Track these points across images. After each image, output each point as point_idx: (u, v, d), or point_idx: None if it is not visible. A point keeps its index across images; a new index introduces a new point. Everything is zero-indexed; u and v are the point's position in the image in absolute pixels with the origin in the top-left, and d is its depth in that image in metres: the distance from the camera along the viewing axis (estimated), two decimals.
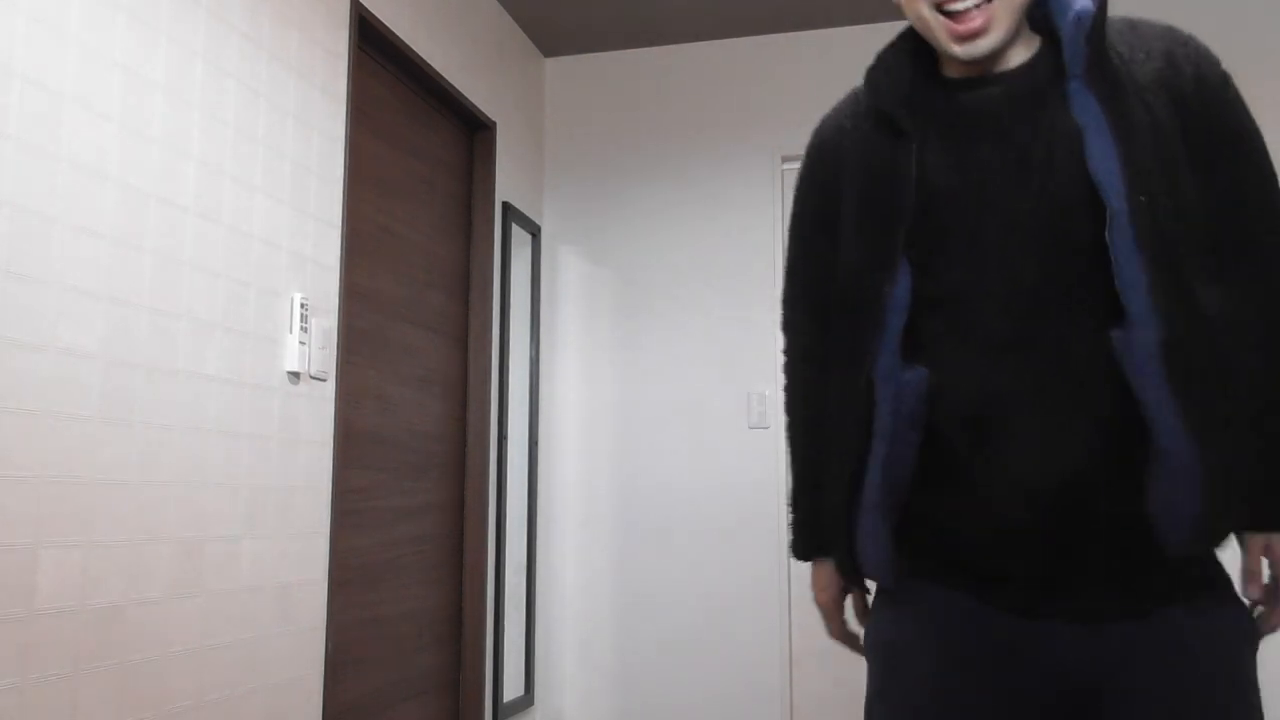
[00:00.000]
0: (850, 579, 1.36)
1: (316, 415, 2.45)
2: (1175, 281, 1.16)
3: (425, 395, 3.10)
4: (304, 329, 2.38)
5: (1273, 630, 1.23)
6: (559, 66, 4.04)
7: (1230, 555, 1.22)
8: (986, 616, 1.22)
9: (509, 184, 3.62)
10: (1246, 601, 1.22)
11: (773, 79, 3.84)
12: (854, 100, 1.41)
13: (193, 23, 2.07)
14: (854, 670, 3.44)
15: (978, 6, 1.21)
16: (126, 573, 1.86)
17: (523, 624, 3.56)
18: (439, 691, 3.14)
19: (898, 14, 3.73)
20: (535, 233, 3.79)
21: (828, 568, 1.40)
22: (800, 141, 3.75)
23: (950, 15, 1.22)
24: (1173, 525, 1.14)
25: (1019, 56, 1.28)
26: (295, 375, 2.37)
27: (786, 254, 1.50)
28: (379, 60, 2.92)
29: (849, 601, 1.41)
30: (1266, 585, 1.21)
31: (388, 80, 2.97)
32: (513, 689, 3.46)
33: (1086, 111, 1.21)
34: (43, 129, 1.71)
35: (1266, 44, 3.39)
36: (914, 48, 1.33)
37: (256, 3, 2.27)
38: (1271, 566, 1.21)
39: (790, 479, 1.46)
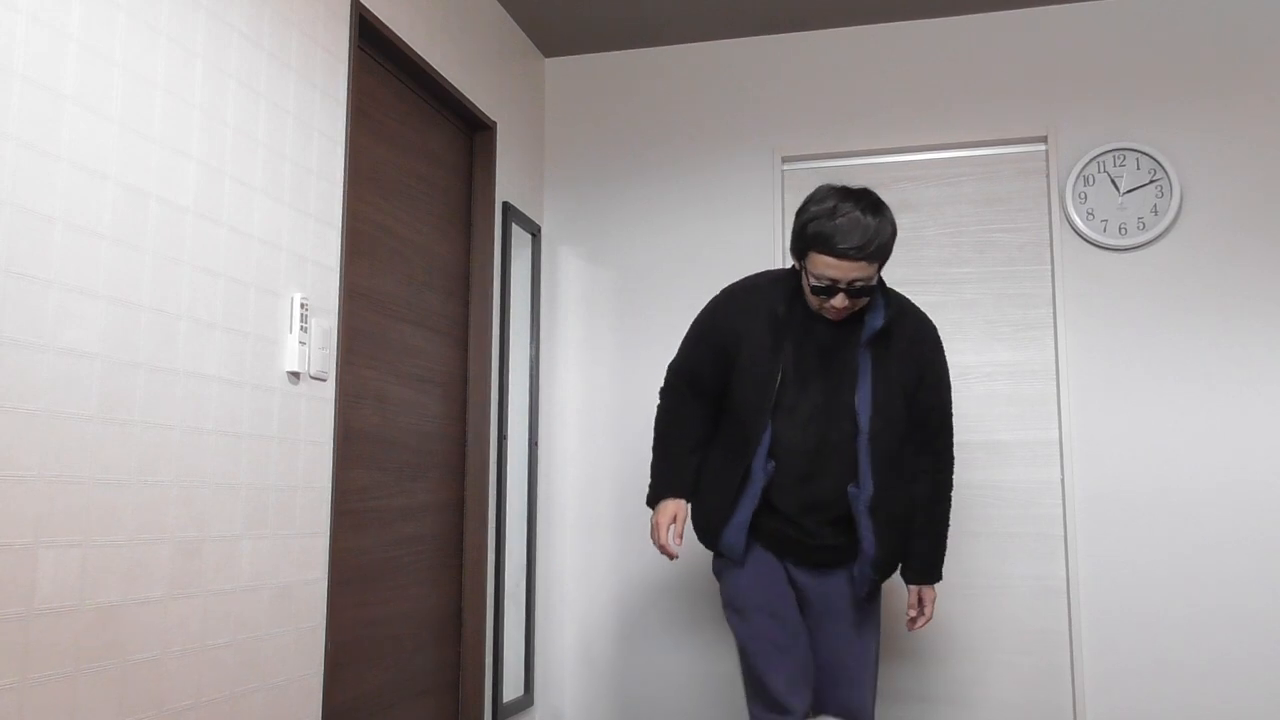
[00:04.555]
0: (703, 540, 2.59)
1: (316, 415, 2.45)
2: (883, 469, 2.44)
3: (425, 395, 3.10)
4: (304, 329, 2.38)
5: (916, 629, 2.61)
6: (559, 66, 4.05)
7: None
8: (779, 562, 2.55)
9: (509, 184, 3.63)
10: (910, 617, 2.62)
11: (772, 79, 3.84)
12: (767, 285, 2.51)
13: (193, 23, 2.08)
14: None
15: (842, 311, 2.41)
16: (126, 573, 1.86)
17: (523, 624, 3.56)
18: (439, 691, 3.14)
19: (901, 14, 3.73)
20: (535, 233, 3.79)
21: (676, 503, 2.54)
22: (800, 141, 3.77)
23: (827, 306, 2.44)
24: (861, 582, 2.51)
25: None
26: (295, 375, 2.37)
27: (687, 346, 2.57)
28: (379, 60, 2.92)
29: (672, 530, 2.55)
30: (916, 611, 2.59)
31: (388, 80, 2.97)
32: (513, 689, 3.46)
33: (863, 362, 2.44)
34: (43, 129, 1.72)
35: (1266, 42, 3.39)
36: (796, 286, 2.49)
37: (256, 3, 2.27)
38: (920, 604, 2.59)
39: (655, 456, 2.59)
